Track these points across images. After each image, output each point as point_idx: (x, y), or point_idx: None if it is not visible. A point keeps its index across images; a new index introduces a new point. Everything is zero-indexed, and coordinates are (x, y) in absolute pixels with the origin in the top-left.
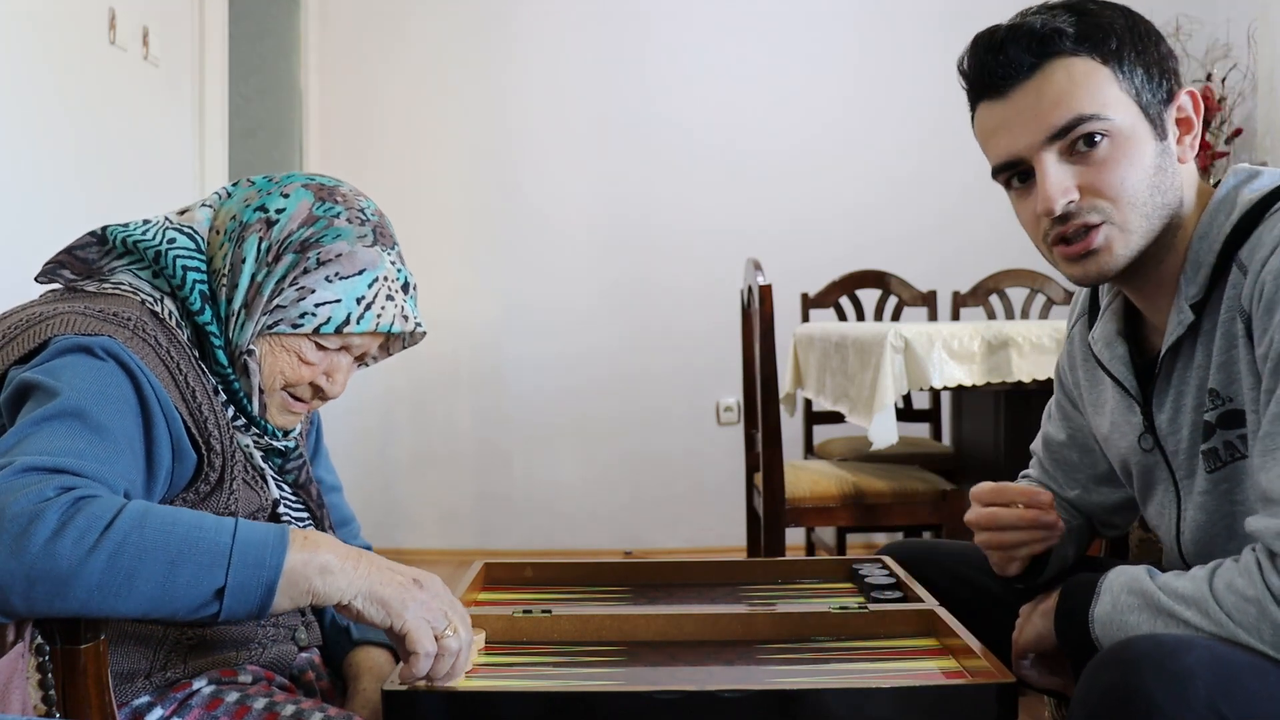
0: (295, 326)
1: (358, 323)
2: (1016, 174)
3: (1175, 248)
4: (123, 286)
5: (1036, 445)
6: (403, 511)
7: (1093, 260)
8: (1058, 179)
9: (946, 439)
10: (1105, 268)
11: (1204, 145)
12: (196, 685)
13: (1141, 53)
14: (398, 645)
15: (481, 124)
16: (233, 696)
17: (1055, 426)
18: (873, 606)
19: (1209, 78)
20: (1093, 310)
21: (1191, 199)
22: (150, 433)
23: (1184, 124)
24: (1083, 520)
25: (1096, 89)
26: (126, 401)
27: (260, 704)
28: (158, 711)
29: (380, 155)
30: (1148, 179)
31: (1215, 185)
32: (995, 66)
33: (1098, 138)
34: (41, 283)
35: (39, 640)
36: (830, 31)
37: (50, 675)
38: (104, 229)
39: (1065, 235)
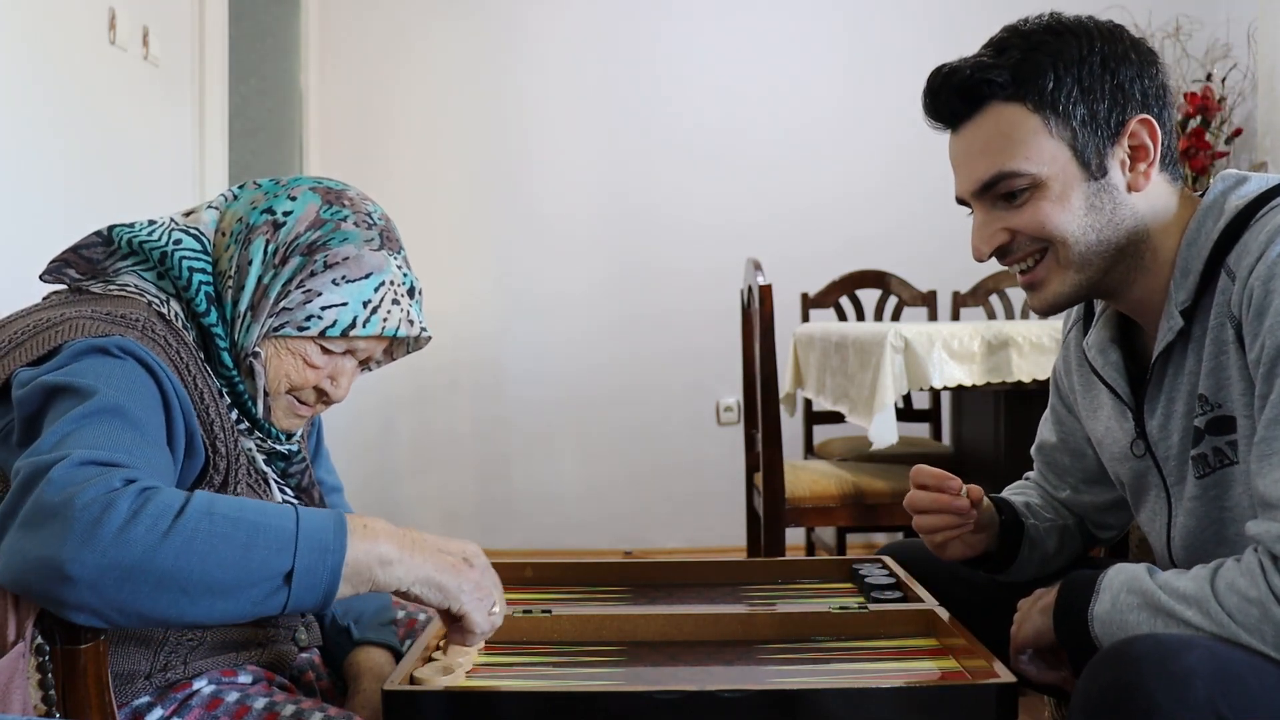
0: (301, 329)
1: (364, 326)
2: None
3: (1149, 265)
4: (129, 288)
5: (1033, 448)
6: (403, 511)
7: (1036, 295)
8: (983, 228)
9: (946, 439)
10: (1052, 301)
11: (1204, 145)
12: (197, 685)
13: (1088, 89)
14: (449, 621)
15: (481, 123)
16: (233, 696)
17: (1048, 430)
18: (873, 606)
19: (1209, 78)
20: (1088, 315)
21: (1168, 211)
22: (170, 428)
23: (1138, 151)
24: (1072, 522)
25: (1021, 141)
26: (152, 396)
27: (260, 704)
28: (158, 712)
29: (381, 155)
30: (1077, 221)
31: (1201, 195)
32: (935, 110)
33: (1018, 192)
34: (46, 281)
35: (39, 640)
36: (833, 28)
37: (50, 675)
38: (110, 229)
39: (1017, 267)
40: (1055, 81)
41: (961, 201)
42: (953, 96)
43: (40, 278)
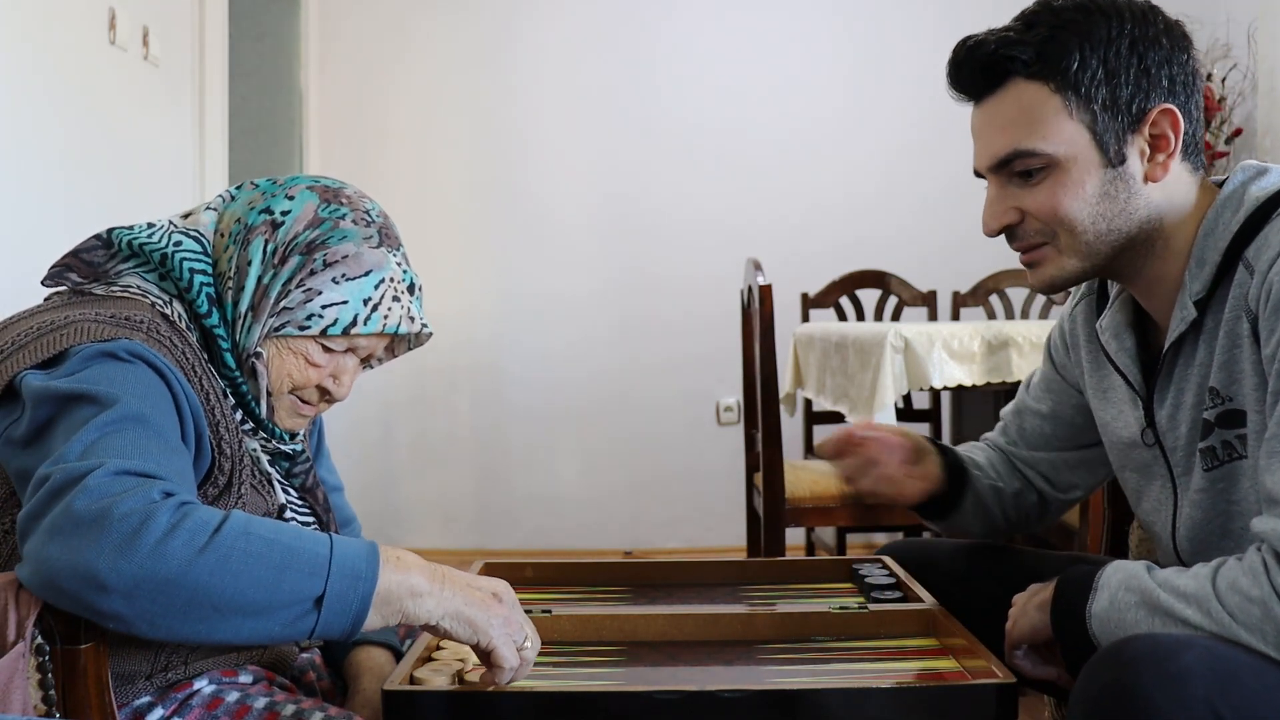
0: (302, 329)
1: (364, 324)
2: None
3: (1160, 253)
4: (131, 289)
5: (1007, 410)
6: (403, 511)
7: (1034, 274)
8: (994, 204)
9: (946, 439)
10: (1047, 282)
11: (1204, 145)
12: (197, 685)
13: (1113, 71)
14: (481, 658)
15: (481, 123)
16: (233, 696)
17: (1035, 397)
18: (873, 606)
19: (1209, 78)
20: (1101, 294)
21: (1186, 201)
22: (182, 429)
23: (1159, 141)
24: (1024, 482)
25: (1041, 120)
26: (165, 400)
27: (260, 704)
28: (158, 711)
29: (380, 155)
30: (1089, 208)
31: (1220, 184)
32: (958, 81)
33: (1034, 171)
34: (48, 285)
35: (39, 640)
36: (833, 28)
37: (50, 675)
38: (109, 232)
39: (1019, 246)
40: (1080, 63)
41: (979, 174)
42: (975, 71)
43: (42, 283)
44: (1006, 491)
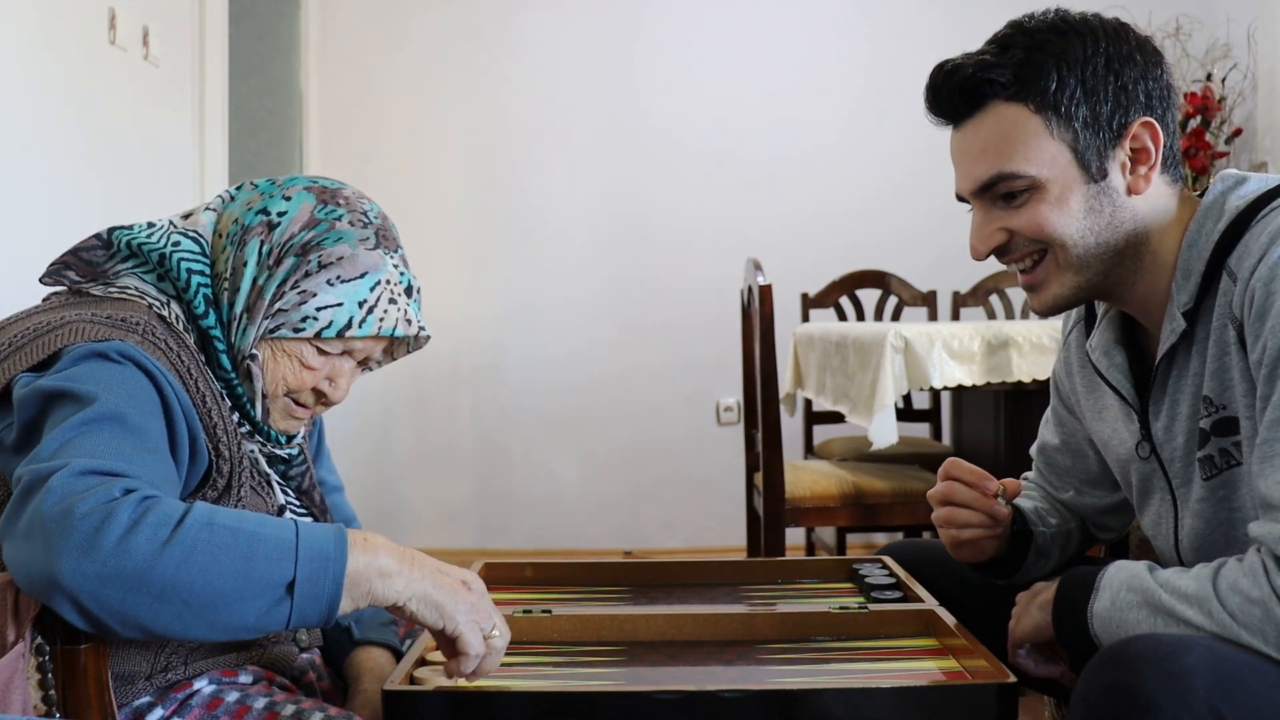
0: (297, 330)
1: (359, 326)
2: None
3: (1149, 266)
4: (129, 290)
5: (1033, 449)
6: (403, 511)
7: (1036, 297)
8: (981, 228)
9: (946, 439)
10: (1051, 303)
11: (1204, 145)
12: (197, 685)
13: (1091, 90)
14: (445, 645)
15: (481, 123)
16: (233, 696)
17: (1050, 431)
18: (873, 606)
19: (1209, 78)
20: (1089, 317)
21: (1168, 213)
22: (173, 433)
23: (1140, 154)
24: (1074, 524)
25: (1021, 142)
26: (152, 402)
27: (260, 704)
28: (158, 712)
29: (380, 155)
30: (1075, 224)
31: (1200, 195)
32: (936, 107)
33: (1018, 193)
34: (46, 284)
35: (39, 640)
36: (830, 31)
37: (50, 675)
38: (109, 231)
39: (1017, 266)
40: (1058, 82)
41: (961, 198)
42: (954, 95)
43: (40, 280)
44: (1072, 530)
